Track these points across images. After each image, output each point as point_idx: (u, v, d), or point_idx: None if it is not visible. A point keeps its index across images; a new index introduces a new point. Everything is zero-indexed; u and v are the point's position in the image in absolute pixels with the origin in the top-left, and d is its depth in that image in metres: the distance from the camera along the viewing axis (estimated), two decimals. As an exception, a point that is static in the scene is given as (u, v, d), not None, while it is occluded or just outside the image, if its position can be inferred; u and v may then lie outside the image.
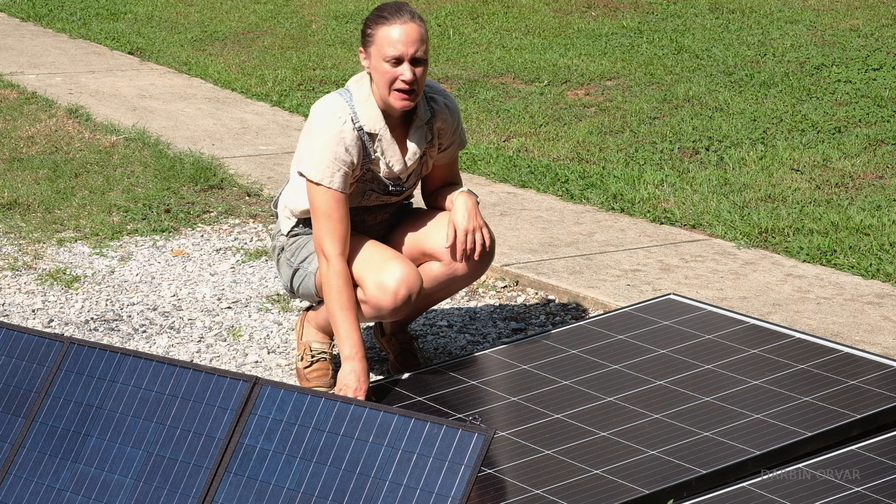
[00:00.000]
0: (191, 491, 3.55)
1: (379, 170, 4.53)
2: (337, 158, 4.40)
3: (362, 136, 4.45)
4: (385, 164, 4.51)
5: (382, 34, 4.36)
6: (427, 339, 5.22)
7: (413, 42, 4.34)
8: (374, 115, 4.46)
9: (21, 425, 3.91)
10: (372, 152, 4.48)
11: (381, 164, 4.52)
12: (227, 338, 5.25)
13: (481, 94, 9.00)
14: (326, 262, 4.41)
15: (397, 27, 4.35)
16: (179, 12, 12.29)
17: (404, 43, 4.34)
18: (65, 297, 5.69)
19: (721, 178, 7.04)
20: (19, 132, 8.21)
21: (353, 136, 4.42)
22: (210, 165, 7.42)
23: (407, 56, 4.35)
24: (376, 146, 4.48)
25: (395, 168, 4.53)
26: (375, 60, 4.39)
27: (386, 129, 4.48)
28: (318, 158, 4.40)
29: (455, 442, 3.29)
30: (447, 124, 4.60)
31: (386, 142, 4.49)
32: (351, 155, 4.41)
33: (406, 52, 4.34)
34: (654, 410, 4.22)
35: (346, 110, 4.44)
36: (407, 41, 4.34)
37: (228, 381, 3.67)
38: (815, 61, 9.39)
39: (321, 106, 4.48)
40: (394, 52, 4.34)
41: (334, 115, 4.43)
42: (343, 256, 4.42)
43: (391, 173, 4.55)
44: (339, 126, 4.41)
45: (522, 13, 11.62)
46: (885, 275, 5.67)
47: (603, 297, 5.46)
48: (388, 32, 4.35)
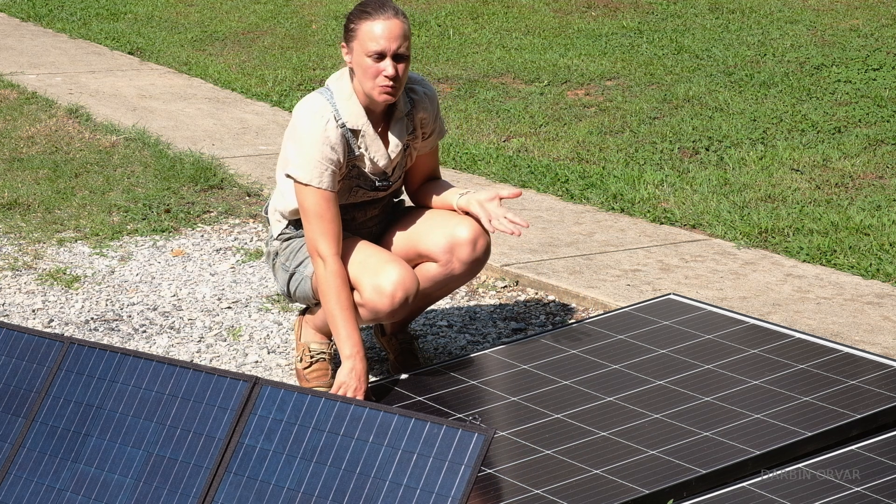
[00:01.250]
0: (191, 491, 3.55)
1: (364, 165, 4.53)
2: (324, 158, 4.40)
3: (346, 134, 4.46)
4: (369, 159, 4.52)
5: (365, 29, 4.36)
6: (427, 339, 5.22)
7: (395, 38, 4.35)
8: (356, 111, 4.46)
9: (21, 425, 3.91)
10: (356, 149, 4.49)
11: (366, 159, 4.52)
12: (227, 338, 5.25)
13: (481, 94, 9.00)
14: (323, 264, 4.41)
15: (380, 22, 4.35)
16: (179, 12, 12.29)
17: (387, 38, 4.34)
18: (65, 297, 5.69)
19: (721, 178, 7.04)
20: (19, 132, 8.21)
21: (337, 135, 4.42)
22: (210, 165, 7.42)
23: (389, 52, 4.36)
24: (360, 142, 4.49)
25: (380, 163, 4.54)
26: (358, 55, 4.40)
27: (369, 124, 4.48)
28: (306, 159, 4.41)
29: (455, 442, 3.29)
30: (428, 113, 4.61)
31: (369, 137, 4.50)
32: (337, 153, 4.42)
33: (388, 47, 4.35)
34: (654, 410, 4.22)
35: (329, 109, 4.44)
36: (389, 37, 4.34)
37: (228, 381, 3.67)
38: (815, 61, 9.39)
39: (303, 107, 4.48)
40: (376, 48, 4.35)
41: (317, 115, 4.43)
42: (338, 255, 4.41)
43: (376, 168, 4.55)
44: (323, 125, 4.42)
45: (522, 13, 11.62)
46: (885, 275, 5.67)
47: (603, 297, 5.46)
48: (371, 28, 4.36)
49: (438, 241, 4.58)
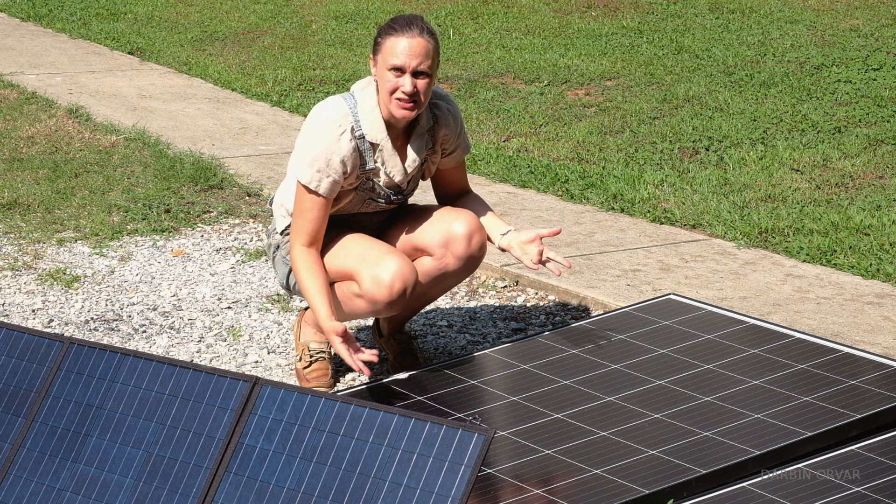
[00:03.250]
0: (191, 491, 3.55)
1: (379, 179, 4.56)
2: (329, 166, 4.43)
3: (362, 146, 4.48)
4: (385, 173, 4.55)
5: (389, 44, 4.42)
6: (427, 339, 5.22)
7: (417, 55, 4.39)
8: (377, 125, 4.48)
9: (21, 425, 3.91)
10: (371, 161, 4.51)
11: (382, 173, 4.54)
12: (227, 338, 5.25)
13: (481, 94, 9.00)
14: (297, 246, 4.49)
15: (405, 39, 4.40)
16: (179, 12, 12.29)
17: (407, 55, 4.39)
18: (65, 297, 5.69)
19: (721, 178, 7.04)
20: (19, 132, 8.21)
21: (349, 147, 4.45)
22: (210, 165, 7.42)
23: (409, 68, 4.39)
24: (377, 156, 4.51)
25: (396, 178, 4.56)
26: (380, 69, 4.45)
27: (388, 139, 4.50)
28: (311, 163, 4.44)
29: (455, 442, 3.29)
30: (451, 130, 4.64)
31: (387, 152, 4.52)
32: (344, 165, 4.45)
33: (408, 63, 4.39)
34: (654, 410, 4.22)
35: (349, 119, 4.47)
36: (411, 54, 4.39)
37: (228, 381, 3.67)
38: (815, 61, 9.39)
39: (322, 110, 4.50)
40: (396, 62, 4.39)
41: (334, 123, 4.46)
42: (313, 249, 4.49)
43: (391, 182, 4.57)
44: (338, 135, 4.44)
45: (522, 13, 11.62)
46: (885, 275, 5.67)
47: (603, 297, 5.46)
48: (395, 43, 4.41)
49: (434, 236, 4.60)
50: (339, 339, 4.28)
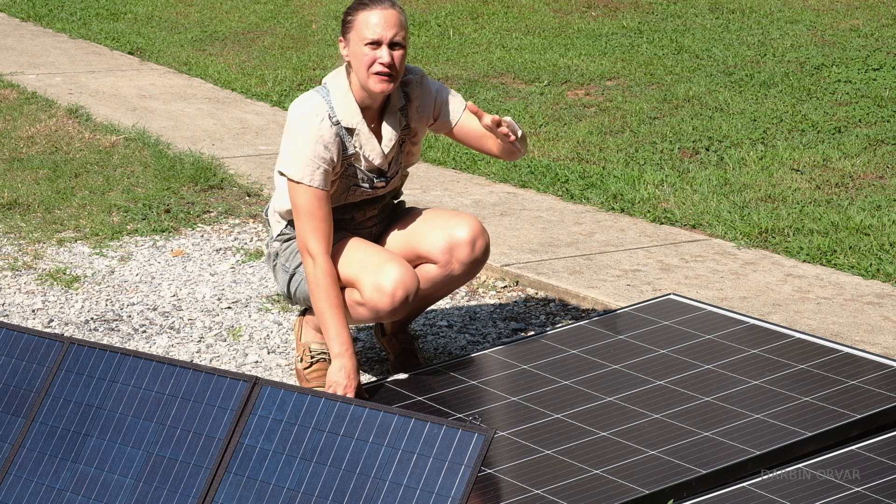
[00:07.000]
0: (191, 491, 3.55)
1: (360, 164, 4.55)
2: (316, 156, 4.42)
3: (340, 132, 4.48)
4: (364, 157, 4.54)
5: (362, 19, 4.42)
6: (427, 339, 5.22)
7: (392, 26, 4.40)
8: (351, 109, 4.49)
9: (21, 425, 3.91)
10: (351, 147, 4.51)
11: (361, 157, 4.54)
12: (227, 338, 5.25)
13: (481, 94, 9.00)
14: (312, 262, 4.43)
15: (377, 12, 4.42)
16: (179, 12, 12.29)
17: (383, 27, 4.40)
18: (65, 297, 5.69)
19: (721, 178, 7.04)
20: (19, 132, 8.21)
21: (331, 133, 4.45)
22: (210, 165, 7.42)
23: (385, 39, 4.40)
24: (355, 140, 4.51)
25: (375, 161, 4.55)
26: (355, 45, 4.44)
27: (363, 122, 4.51)
28: (298, 157, 4.43)
29: (455, 442, 3.29)
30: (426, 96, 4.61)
31: (364, 136, 4.52)
32: (330, 152, 4.44)
33: (384, 35, 4.40)
34: (654, 410, 4.22)
35: (324, 107, 4.47)
36: (386, 25, 4.40)
37: (228, 381, 3.67)
38: (815, 61, 9.39)
39: (298, 105, 4.51)
40: (373, 35, 4.40)
41: (311, 113, 4.46)
42: (328, 254, 4.44)
43: (372, 166, 4.57)
44: (317, 124, 4.44)
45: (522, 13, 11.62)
46: (885, 275, 5.67)
47: (603, 297, 5.46)
48: (368, 17, 4.41)
49: (437, 242, 4.58)
50: (345, 382, 4.33)
